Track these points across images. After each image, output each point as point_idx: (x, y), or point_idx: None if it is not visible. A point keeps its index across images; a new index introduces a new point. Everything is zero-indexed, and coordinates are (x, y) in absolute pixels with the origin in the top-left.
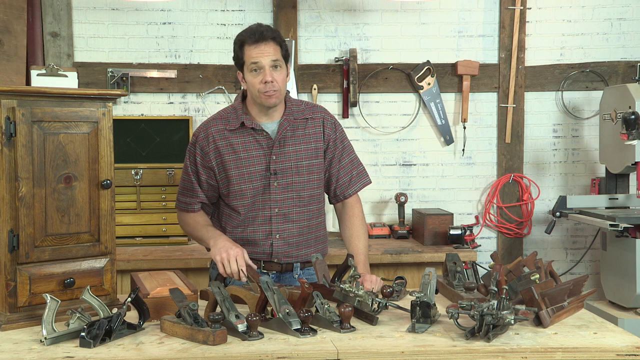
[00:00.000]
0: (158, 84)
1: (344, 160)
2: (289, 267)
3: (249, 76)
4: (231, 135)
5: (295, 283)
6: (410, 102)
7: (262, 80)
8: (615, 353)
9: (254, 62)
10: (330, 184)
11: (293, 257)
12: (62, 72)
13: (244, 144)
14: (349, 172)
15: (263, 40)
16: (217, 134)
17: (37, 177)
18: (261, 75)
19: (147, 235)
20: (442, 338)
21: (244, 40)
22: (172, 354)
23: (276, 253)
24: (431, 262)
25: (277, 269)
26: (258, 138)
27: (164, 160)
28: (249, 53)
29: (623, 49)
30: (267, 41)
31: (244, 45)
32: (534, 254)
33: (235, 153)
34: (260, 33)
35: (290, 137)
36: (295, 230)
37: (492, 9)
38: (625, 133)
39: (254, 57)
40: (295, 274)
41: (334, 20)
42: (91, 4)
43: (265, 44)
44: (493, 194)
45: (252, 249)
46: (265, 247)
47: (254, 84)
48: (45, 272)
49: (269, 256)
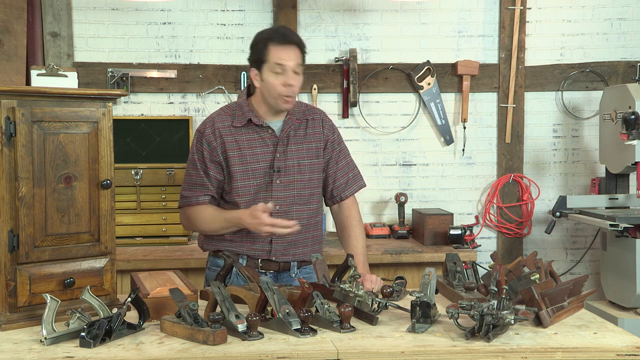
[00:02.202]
0: (158, 84)
1: (341, 162)
2: (286, 266)
3: (270, 76)
4: (237, 131)
5: (293, 282)
6: (410, 102)
7: (285, 83)
8: (615, 353)
9: (280, 63)
10: (327, 184)
11: (290, 255)
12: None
13: (249, 140)
14: (346, 174)
15: (291, 42)
16: (223, 130)
17: (37, 177)
18: (284, 78)
19: (147, 235)
20: (442, 338)
21: (270, 38)
22: (172, 354)
23: (275, 251)
24: (431, 262)
25: (274, 268)
26: (263, 135)
27: (164, 160)
28: (275, 53)
29: (623, 49)
30: (292, 45)
31: (269, 44)
32: (534, 254)
33: (240, 149)
34: (289, 36)
35: (293, 136)
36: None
37: (492, 9)
38: (625, 133)
39: (280, 58)
40: (293, 273)
41: (334, 20)
42: (91, 4)
43: (291, 47)
44: (493, 194)
45: (251, 246)
46: (265, 244)
47: (274, 85)
48: (45, 272)
49: (267, 254)
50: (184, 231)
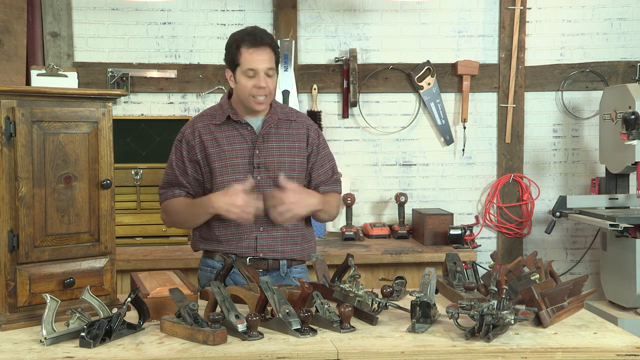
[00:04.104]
0: (158, 84)
1: (325, 165)
2: (275, 264)
3: (242, 79)
4: (216, 129)
5: (284, 282)
6: (410, 102)
7: (256, 85)
8: (615, 353)
9: (251, 68)
10: (309, 187)
11: (279, 252)
12: (62, 72)
13: (228, 137)
14: (330, 178)
15: (261, 45)
16: (202, 129)
17: (37, 177)
18: (255, 80)
19: (147, 235)
20: (442, 338)
21: (240, 42)
22: (172, 354)
23: (261, 247)
24: (431, 262)
25: (263, 266)
26: (242, 132)
27: (164, 160)
28: (245, 56)
29: (623, 49)
30: (264, 47)
31: (241, 47)
32: (534, 254)
33: (220, 146)
34: (259, 37)
35: (274, 134)
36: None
37: (492, 9)
38: (625, 133)
39: (250, 62)
40: (283, 272)
41: (334, 20)
42: (91, 4)
43: (263, 50)
44: (493, 194)
45: (237, 244)
46: (250, 240)
47: (246, 87)
48: (45, 272)
49: (254, 250)
50: (184, 231)
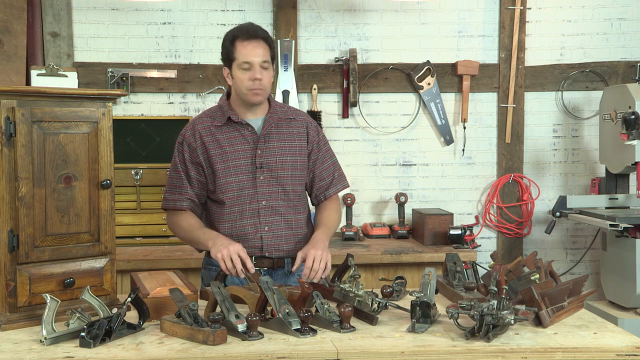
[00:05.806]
0: (158, 84)
1: (326, 162)
2: (279, 262)
3: (238, 73)
4: (217, 130)
5: (287, 281)
6: (410, 102)
7: (251, 78)
8: (615, 353)
9: (247, 60)
10: (313, 184)
11: (283, 251)
12: (62, 72)
13: (229, 139)
14: (331, 173)
15: (255, 38)
16: (203, 131)
17: (37, 177)
18: (251, 73)
19: (147, 235)
20: (442, 338)
21: (235, 36)
22: (172, 354)
23: (267, 246)
24: (431, 262)
25: (268, 264)
26: (244, 133)
27: (164, 160)
28: (240, 50)
29: (623, 49)
30: (258, 40)
31: (236, 41)
32: (534, 254)
33: (221, 147)
34: (254, 31)
35: (275, 134)
36: (283, 223)
37: (492, 9)
38: (625, 133)
39: (245, 55)
40: (287, 270)
41: (334, 20)
42: (91, 4)
43: (257, 43)
44: (493, 194)
45: (243, 245)
46: (255, 240)
47: (242, 80)
48: (45, 272)
49: (259, 250)
50: None
